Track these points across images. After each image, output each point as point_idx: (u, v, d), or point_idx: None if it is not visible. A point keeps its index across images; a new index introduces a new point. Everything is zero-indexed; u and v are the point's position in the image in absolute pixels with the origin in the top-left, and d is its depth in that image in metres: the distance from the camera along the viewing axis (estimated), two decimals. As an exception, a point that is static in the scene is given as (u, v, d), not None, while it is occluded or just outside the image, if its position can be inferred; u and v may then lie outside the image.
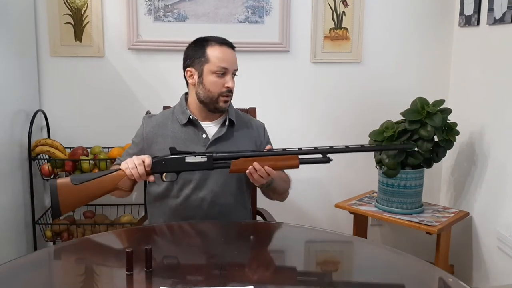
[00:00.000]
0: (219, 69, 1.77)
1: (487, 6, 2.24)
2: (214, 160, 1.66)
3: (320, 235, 1.76)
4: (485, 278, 2.28)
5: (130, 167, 1.64)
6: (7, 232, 2.22)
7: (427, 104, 2.21)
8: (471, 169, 2.42)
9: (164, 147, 1.81)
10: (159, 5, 2.49)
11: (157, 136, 1.84)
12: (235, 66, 1.82)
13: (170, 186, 1.81)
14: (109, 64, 2.53)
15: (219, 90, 1.79)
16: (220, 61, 1.78)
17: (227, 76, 1.79)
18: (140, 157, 1.67)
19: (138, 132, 1.89)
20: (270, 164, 1.65)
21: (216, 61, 1.78)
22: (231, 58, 1.80)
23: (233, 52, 1.83)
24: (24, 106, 2.38)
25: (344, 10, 2.56)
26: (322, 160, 1.66)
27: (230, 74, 1.80)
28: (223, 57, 1.78)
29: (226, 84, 1.78)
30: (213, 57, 1.78)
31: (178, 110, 1.87)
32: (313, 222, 2.67)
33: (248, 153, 1.69)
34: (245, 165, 1.65)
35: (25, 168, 2.37)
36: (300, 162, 1.66)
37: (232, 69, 1.80)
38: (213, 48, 1.79)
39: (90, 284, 1.35)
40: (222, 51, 1.79)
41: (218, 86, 1.79)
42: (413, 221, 2.20)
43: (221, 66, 1.77)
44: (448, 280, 1.33)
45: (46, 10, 2.47)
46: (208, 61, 1.79)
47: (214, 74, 1.78)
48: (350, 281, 1.42)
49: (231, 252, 1.51)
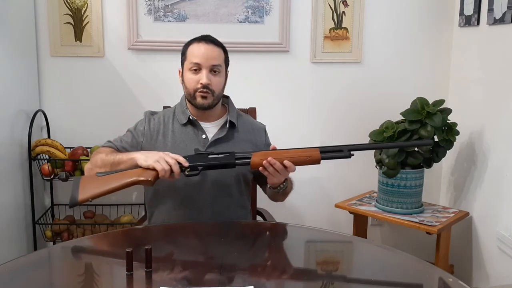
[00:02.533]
0: (192, 65, 1.77)
1: (487, 6, 2.24)
2: (236, 158, 1.66)
3: (320, 235, 1.76)
4: (485, 278, 2.28)
5: (165, 167, 1.60)
6: (7, 232, 2.22)
7: (427, 104, 2.21)
8: (471, 169, 2.42)
9: (164, 145, 1.81)
10: (159, 5, 2.49)
11: (158, 134, 1.83)
12: (211, 61, 1.77)
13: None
14: (109, 64, 2.54)
15: (195, 87, 1.77)
16: (194, 57, 1.77)
17: (202, 72, 1.76)
18: (172, 156, 1.63)
19: (139, 126, 1.86)
20: (290, 158, 1.62)
21: (190, 58, 1.78)
22: (205, 53, 1.77)
23: (212, 48, 1.79)
24: (24, 106, 2.38)
25: (344, 10, 2.56)
26: (344, 155, 1.63)
27: (205, 70, 1.76)
28: (197, 53, 1.77)
29: (201, 81, 1.76)
30: (189, 54, 1.79)
31: (179, 110, 1.87)
32: (313, 222, 2.67)
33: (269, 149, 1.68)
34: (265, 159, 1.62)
35: (25, 168, 2.37)
36: (322, 157, 1.62)
37: (206, 64, 1.76)
38: (191, 46, 1.80)
39: (90, 284, 1.35)
40: (198, 46, 1.78)
41: (193, 82, 1.77)
42: (413, 221, 2.20)
43: (194, 62, 1.76)
44: (448, 280, 1.33)
45: (46, 10, 2.47)
46: (186, 58, 1.80)
47: (190, 71, 1.78)
48: (350, 281, 1.42)
49: (231, 252, 1.51)
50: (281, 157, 1.62)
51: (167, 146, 1.80)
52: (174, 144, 1.81)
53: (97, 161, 1.75)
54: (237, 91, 2.03)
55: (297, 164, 1.63)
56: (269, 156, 1.62)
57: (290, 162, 1.62)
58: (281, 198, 1.86)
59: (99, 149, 1.83)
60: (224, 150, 1.77)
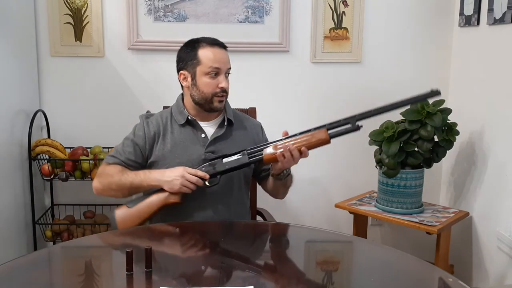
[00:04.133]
0: (211, 70, 1.77)
1: (487, 6, 2.24)
2: (249, 155, 1.70)
3: (320, 235, 1.76)
4: (485, 278, 2.28)
5: (191, 187, 1.69)
6: (7, 232, 2.22)
7: (427, 104, 2.21)
8: (471, 169, 2.42)
9: (164, 147, 1.81)
10: (159, 5, 2.49)
11: (158, 137, 1.83)
12: (227, 65, 1.81)
13: None
14: (109, 64, 2.54)
15: (213, 91, 1.79)
16: (212, 62, 1.77)
17: (220, 76, 1.79)
18: (191, 172, 1.69)
19: (138, 131, 1.85)
20: (302, 144, 1.65)
21: (208, 62, 1.78)
22: (222, 58, 1.80)
23: (225, 52, 1.82)
24: (24, 106, 2.38)
25: (344, 10, 2.56)
26: (352, 129, 1.66)
27: (223, 74, 1.80)
28: (215, 57, 1.78)
29: (220, 85, 1.78)
30: (205, 58, 1.78)
31: (176, 111, 1.87)
32: (313, 222, 2.67)
33: (277, 140, 1.70)
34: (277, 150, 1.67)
35: (25, 168, 2.37)
36: (330, 136, 1.66)
37: (224, 68, 1.80)
38: (204, 50, 1.80)
39: (90, 284, 1.35)
40: (214, 51, 1.79)
41: (212, 87, 1.79)
42: (413, 221, 2.20)
43: (214, 66, 1.77)
44: (448, 280, 1.33)
45: (46, 10, 2.47)
46: (200, 63, 1.79)
47: (207, 76, 1.78)
48: (350, 281, 1.42)
49: (231, 252, 1.51)
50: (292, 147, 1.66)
51: (167, 147, 1.81)
52: (174, 145, 1.81)
53: (111, 185, 1.77)
54: (237, 91, 2.03)
55: (309, 149, 1.67)
56: (279, 148, 1.67)
57: (306, 148, 1.66)
58: (282, 190, 1.88)
59: (107, 168, 1.81)
60: (223, 148, 1.80)
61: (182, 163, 1.77)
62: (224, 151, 1.79)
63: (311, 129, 1.68)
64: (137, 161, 1.83)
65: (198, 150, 1.80)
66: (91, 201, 2.57)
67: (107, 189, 1.79)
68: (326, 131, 1.66)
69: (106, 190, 1.80)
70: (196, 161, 1.78)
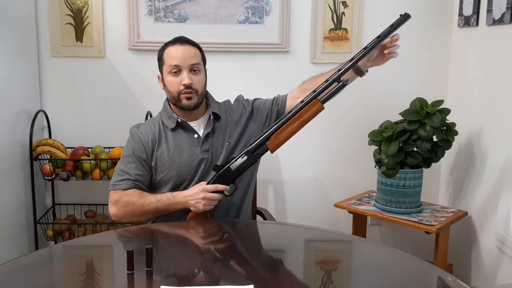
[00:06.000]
0: (171, 68, 1.78)
1: (486, 7, 2.24)
2: (253, 152, 1.72)
3: (320, 234, 1.77)
4: (484, 277, 2.29)
5: (214, 203, 1.71)
6: (8, 232, 2.23)
7: (426, 105, 2.22)
8: (469, 169, 2.43)
9: (161, 153, 1.81)
10: (159, 6, 2.50)
11: (153, 144, 1.83)
12: (188, 61, 1.77)
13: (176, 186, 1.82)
14: (109, 64, 2.54)
15: (178, 89, 1.78)
16: (171, 60, 1.78)
17: (183, 73, 1.77)
18: (210, 188, 1.70)
19: (135, 145, 1.82)
20: (299, 122, 1.71)
21: (168, 61, 1.79)
22: (182, 54, 1.78)
23: (188, 47, 1.80)
24: (25, 106, 2.39)
25: (344, 11, 2.57)
26: (339, 87, 1.73)
27: (185, 71, 1.77)
28: (174, 55, 1.78)
29: (183, 82, 1.77)
30: (166, 57, 1.80)
31: (165, 116, 1.86)
32: (313, 221, 2.68)
33: (274, 127, 1.72)
34: (280, 138, 1.71)
35: (26, 168, 2.38)
36: (322, 102, 1.72)
37: (185, 64, 1.77)
38: (167, 49, 1.81)
39: (91, 283, 1.36)
40: (174, 49, 1.79)
41: (176, 85, 1.78)
42: (412, 221, 2.21)
43: (173, 64, 1.77)
44: (447, 279, 1.34)
45: (47, 10, 2.47)
46: (164, 63, 1.81)
47: (170, 74, 1.79)
48: (349, 280, 1.43)
49: (231, 252, 1.52)
50: (288, 132, 1.71)
51: (164, 153, 1.81)
52: (169, 150, 1.81)
53: (134, 212, 1.76)
54: (237, 91, 2.04)
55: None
56: (278, 138, 1.70)
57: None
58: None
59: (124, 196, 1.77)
60: (216, 142, 1.82)
61: (181, 166, 1.78)
62: (218, 145, 1.80)
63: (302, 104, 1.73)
64: (145, 174, 1.82)
65: (194, 151, 1.81)
66: (92, 200, 2.59)
67: (130, 216, 1.79)
68: (317, 101, 1.72)
69: (128, 217, 1.81)
70: (194, 162, 1.79)
